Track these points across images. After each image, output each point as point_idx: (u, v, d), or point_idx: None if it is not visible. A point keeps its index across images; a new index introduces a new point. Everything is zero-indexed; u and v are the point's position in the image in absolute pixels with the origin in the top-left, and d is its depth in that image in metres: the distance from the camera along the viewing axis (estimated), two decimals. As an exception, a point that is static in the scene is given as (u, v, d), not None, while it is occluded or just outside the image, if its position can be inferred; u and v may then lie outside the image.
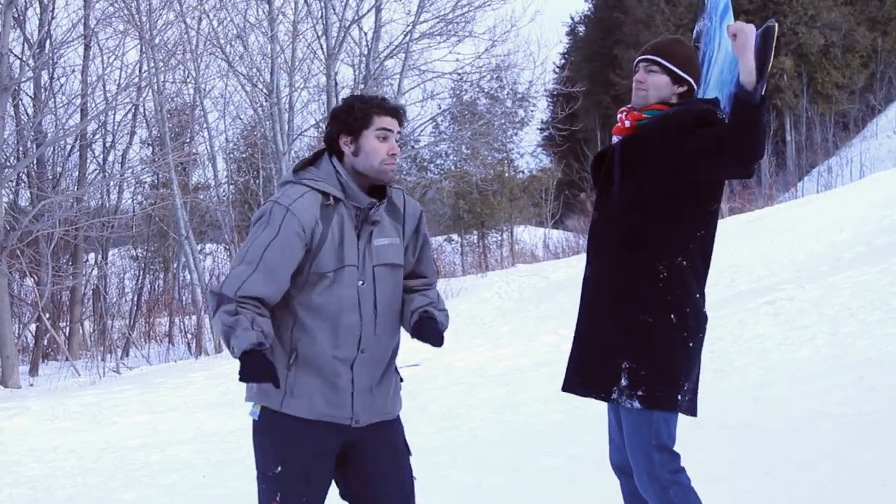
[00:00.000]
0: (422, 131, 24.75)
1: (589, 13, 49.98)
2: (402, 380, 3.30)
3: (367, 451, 3.16)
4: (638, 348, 3.20)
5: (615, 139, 3.38)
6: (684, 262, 3.21)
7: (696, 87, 3.36)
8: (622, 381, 3.20)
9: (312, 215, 3.00)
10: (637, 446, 3.23)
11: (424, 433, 7.36)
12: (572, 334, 3.43)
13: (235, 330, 2.92)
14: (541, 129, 38.30)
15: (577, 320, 3.42)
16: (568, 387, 3.39)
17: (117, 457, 8.32)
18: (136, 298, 22.90)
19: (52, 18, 18.89)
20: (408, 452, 3.27)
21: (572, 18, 50.21)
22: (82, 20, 18.13)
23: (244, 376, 2.93)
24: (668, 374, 3.19)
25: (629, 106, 3.39)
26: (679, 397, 3.22)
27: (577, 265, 18.35)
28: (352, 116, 3.07)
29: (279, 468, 3.06)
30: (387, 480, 3.18)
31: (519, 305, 16.14)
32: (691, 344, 3.23)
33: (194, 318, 19.73)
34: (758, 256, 14.61)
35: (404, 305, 3.21)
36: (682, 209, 3.20)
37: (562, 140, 25.56)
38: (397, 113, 3.11)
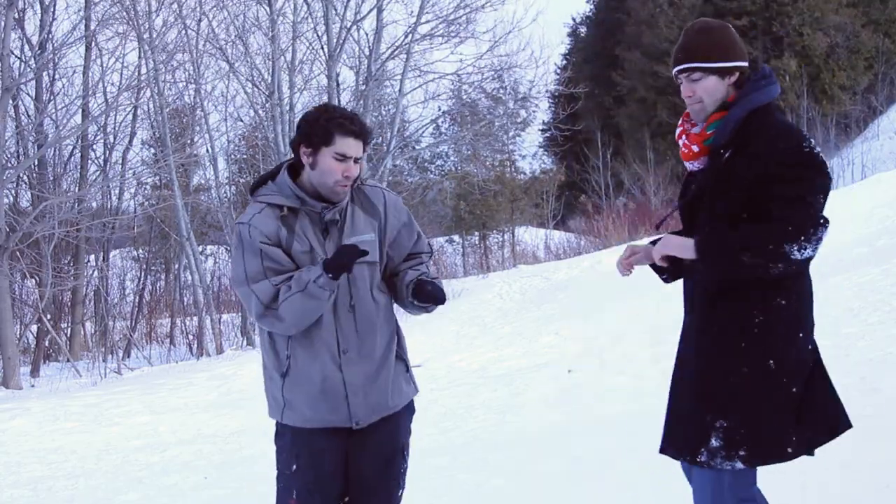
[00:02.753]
0: (423, 132, 24.78)
1: (591, 14, 49.98)
2: (407, 369, 3.31)
3: (360, 453, 3.20)
4: (734, 404, 2.88)
5: (691, 166, 3.07)
6: (783, 303, 2.89)
7: (746, 64, 3.00)
8: (713, 441, 2.89)
9: (272, 227, 3.09)
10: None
11: (426, 434, 7.35)
12: (573, 335, 3.36)
13: (301, 281, 3.01)
14: (542, 130, 38.31)
15: (674, 374, 3.12)
16: (662, 448, 3.10)
17: (118, 458, 8.33)
18: (137, 299, 22.89)
19: (53, 20, 18.90)
20: (403, 459, 3.27)
21: (574, 19, 50.24)
22: (83, 21, 18.14)
23: (341, 268, 3.01)
24: (774, 426, 2.90)
25: (685, 123, 3.08)
26: (790, 449, 2.92)
27: (578, 266, 18.34)
28: (314, 130, 3.09)
29: (294, 467, 3.16)
30: (371, 487, 3.22)
31: (520, 306, 16.13)
32: (794, 389, 2.92)
33: (195, 319, 19.73)
34: (759, 257, 14.58)
35: (397, 283, 3.25)
36: None
37: (563, 141, 25.58)
38: (361, 135, 3.12)
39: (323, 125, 3.08)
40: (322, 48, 19.70)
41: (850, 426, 3.07)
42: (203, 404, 11.03)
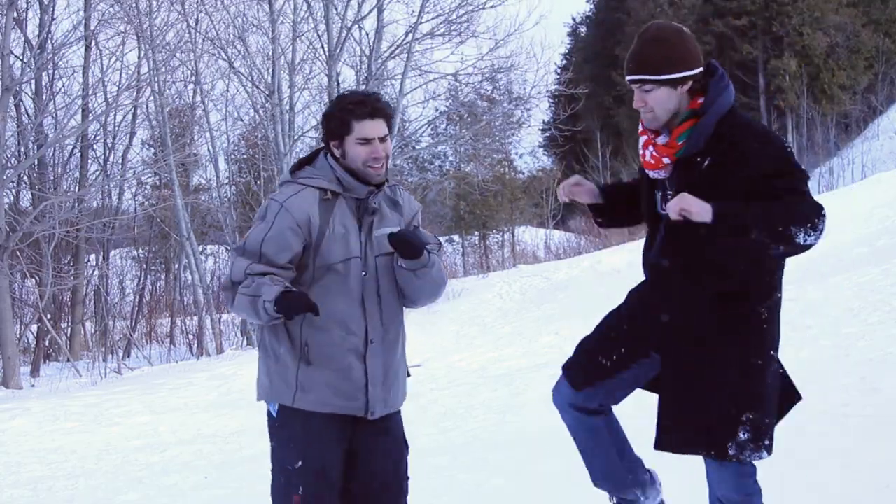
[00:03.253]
0: (422, 133, 24.77)
1: (591, 14, 49.97)
2: (409, 374, 3.36)
3: (372, 447, 3.21)
4: (758, 396, 2.98)
5: (655, 174, 3.05)
6: (779, 295, 3.06)
7: (699, 70, 2.99)
8: (741, 434, 2.95)
9: (306, 212, 3.09)
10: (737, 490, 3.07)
11: (426, 434, 7.35)
12: (573, 335, 3.36)
13: (260, 290, 3.02)
14: (542, 130, 38.29)
15: (664, 370, 3.11)
16: (665, 445, 3.10)
17: (118, 458, 8.33)
18: (137, 299, 22.89)
19: (53, 19, 18.90)
20: (406, 448, 3.32)
21: (574, 19, 50.22)
22: (83, 21, 18.14)
23: (288, 311, 2.98)
24: (777, 416, 3.07)
25: (648, 132, 3.04)
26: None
27: (578, 266, 18.34)
28: (332, 123, 3.16)
29: (300, 462, 3.11)
30: (386, 481, 3.23)
31: (520, 306, 16.13)
32: (787, 380, 3.15)
33: (196, 319, 19.73)
34: (759, 257, 14.59)
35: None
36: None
37: (563, 141, 25.54)
38: (377, 114, 3.13)
39: (338, 116, 3.13)
40: (322, 47, 19.69)
41: None
42: (203, 404, 11.03)
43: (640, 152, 3.08)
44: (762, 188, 2.85)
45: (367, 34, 20.18)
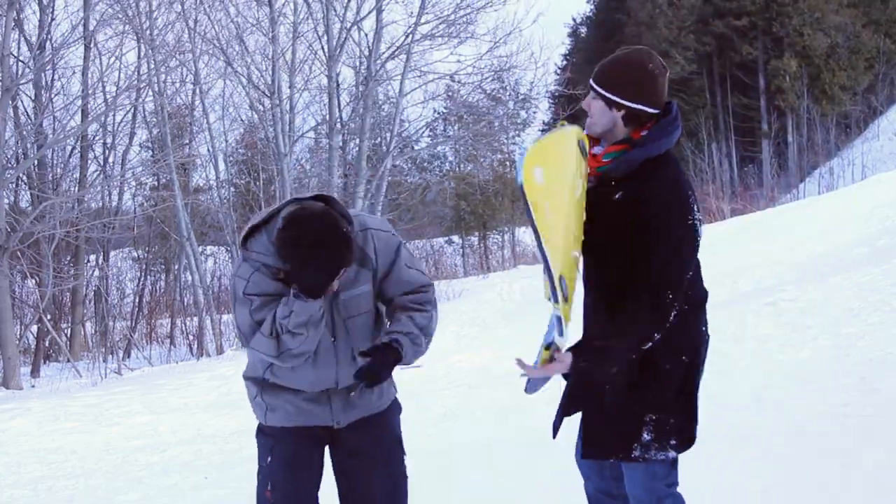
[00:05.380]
0: (421, 133, 24.78)
1: (591, 14, 49.99)
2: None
3: (349, 449, 3.27)
4: (661, 397, 3.06)
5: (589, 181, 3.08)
6: (685, 306, 3.04)
7: (642, 107, 2.98)
8: (644, 435, 3.04)
9: (270, 284, 3.03)
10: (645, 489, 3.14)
11: (426, 434, 7.35)
12: (573, 335, 3.34)
13: (278, 316, 2.97)
14: (542, 130, 38.29)
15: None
16: (585, 454, 3.23)
17: (119, 458, 8.33)
18: (137, 300, 22.90)
19: (52, 20, 18.90)
20: (400, 449, 3.34)
21: (574, 20, 50.22)
22: (82, 21, 18.14)
23: (310, 291, 2.94)
24: (687, 415, 3.13)
25: (590, 136, 3.10)
26: (691, 432, 3.15)
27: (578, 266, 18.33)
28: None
29: (269, 459, 3.26)
30: (370, 478, 3.26)
31: (521, 307, 16.12)
32: (699, 382, 3.17)
33: (196, 319, 19.73)
34: (760, 258, 14.59)
35: (388, 315, 3.25)
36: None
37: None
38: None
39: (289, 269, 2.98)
40: (322, 48, 19.71)
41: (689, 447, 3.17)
42: (203, 404, 11.04)
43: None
44: (637, 239, 2.91)
45: (367, 35, 20.22)
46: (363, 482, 3.26)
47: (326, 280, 2.91)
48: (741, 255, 14.94)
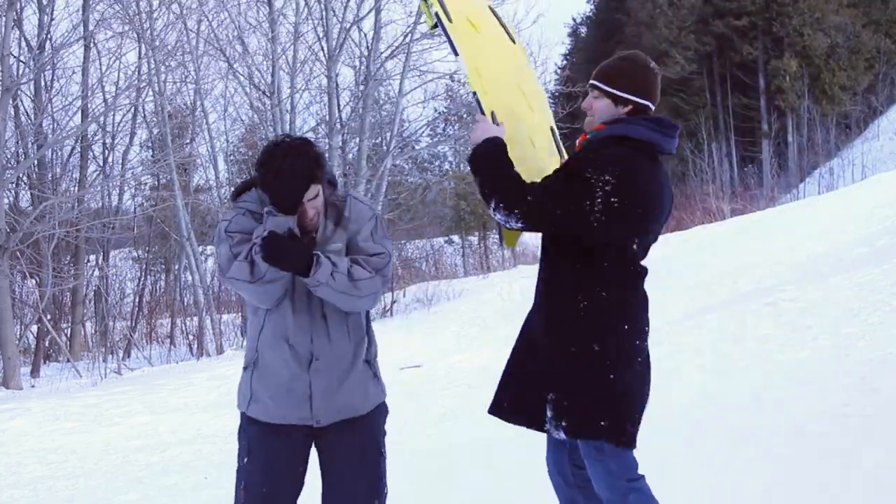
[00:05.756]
0: (421, 133, 24.77)
1: (591, 14, 50.02)
2: (375, 374, 3.40)
3: (330, 452, 3.32)
4: (561, 379, 3.22)
5: None
6: (603, 294, 3.21)
7: (648, 104, 3.31)
8: (548, 412, 3.24)
9: (250, 224, 3.21)
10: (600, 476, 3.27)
11: (426, 434, 7.34)
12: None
13: (263, 231, 3.12)
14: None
15: (516, 343, 3.48)
16: (495, 411, 3.45)
17: (118, 458, 8.33)
18: (137, 300, 22.91)
19: (52, 20, 18.90)
20: (379, 455, 3.37)
21: (574, 20, 50.30)
22: (82, 22, 18.14)
23: (274, 257, 3.10)
24: (589, 404, 3.20)
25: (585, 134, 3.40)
26: (603, 424, 3.19)
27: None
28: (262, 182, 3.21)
29: (245, 459, 3.37)
30: (347, 481, 3.30)
31: (521, 307, 16.06)
32: (612, 376, 3.20)
33: (196, 319, 19.73)
34: (760, 258, 14.60)
35: None
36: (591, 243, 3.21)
37: (563, 140, 25.51)
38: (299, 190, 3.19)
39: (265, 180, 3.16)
40: (322, 48, 19.71)
41: (631, 447, 3.27)
42: (203, 404, 11.04)
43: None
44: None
45: (366, 35, 20.22)
46: (340, 485, 3.31)
47: (295, 190, 3.09)
48: (741, 255, 14.95)
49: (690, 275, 14.30)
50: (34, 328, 19.26)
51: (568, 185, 3.15)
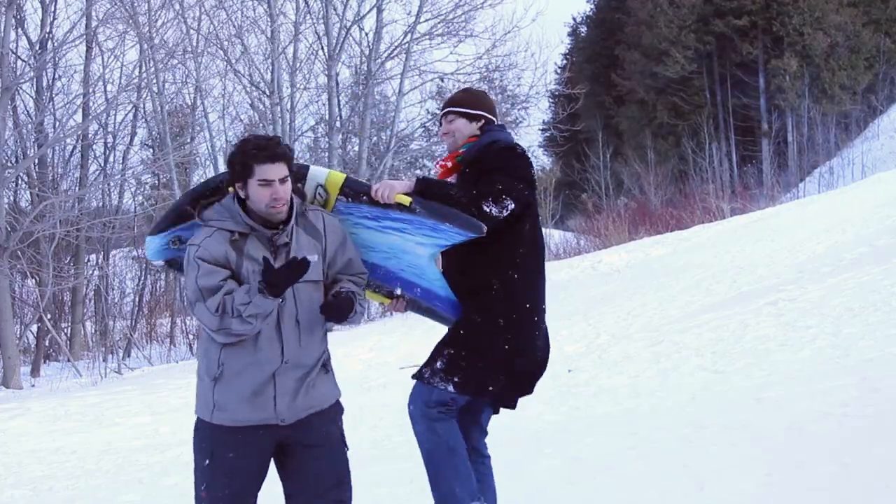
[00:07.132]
0: (416, 133, 24.78)
1: (591, 14, 50.02)
2: (328, 371, 3.50)
3: (297, 447, 3.38)
4: (461, 339, 3.72)
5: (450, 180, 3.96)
6: (515, 276, 3.76)
7: (493, 117, 4.03)
8: (438, 363, 3.72)
9: (222, 251, 3.30)
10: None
11: (426, 434, 7.34)
12: (573, 335, 3.44)
13: (227, 306, 3.22)
14: (542, 130, 38.32)
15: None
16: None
17: (119, 458, 8.33)
18: (137, 299, 22.91)
19: (53, 19, 18.91)
20: (344, 445, 3.48)
21: (574, 19, 50.35)
22: (83, 20, 18.14)
23: (277, 286, 3.20)
24: (477, 369, 3.71)
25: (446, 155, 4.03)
26: (491, 388, 3.77)
27: (578, 266, 18.35)
28: (237, 167, 3.33)
29: (207, 461, 3.43)
30: (317, 469, 3.38)
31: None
32: (507, 347, 3.73)
33: (196, 319, 19.71)
34: (759, 257, 14.60)
35: (328, 292, 3.46)
36: (498, 231, 3.68)
37: (563, 140, 25.55)
38: (277, 158, 3.31)
39: (241, 160, 3.30)
40: (322, 47, 19.71)
41: (510, 407, 4.08)
42: (203, 404, 11.03)
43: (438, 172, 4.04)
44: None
45: (367, 34, 20.22)
46: (310, 474, 3.37)
47: (274, 152, 3.28)
48: (741, 255, 14.94)
49: (690, 275, 14.30)
50: (34, 328, 19.27)
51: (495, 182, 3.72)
